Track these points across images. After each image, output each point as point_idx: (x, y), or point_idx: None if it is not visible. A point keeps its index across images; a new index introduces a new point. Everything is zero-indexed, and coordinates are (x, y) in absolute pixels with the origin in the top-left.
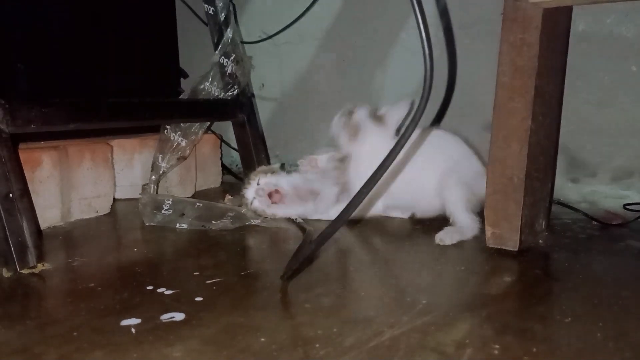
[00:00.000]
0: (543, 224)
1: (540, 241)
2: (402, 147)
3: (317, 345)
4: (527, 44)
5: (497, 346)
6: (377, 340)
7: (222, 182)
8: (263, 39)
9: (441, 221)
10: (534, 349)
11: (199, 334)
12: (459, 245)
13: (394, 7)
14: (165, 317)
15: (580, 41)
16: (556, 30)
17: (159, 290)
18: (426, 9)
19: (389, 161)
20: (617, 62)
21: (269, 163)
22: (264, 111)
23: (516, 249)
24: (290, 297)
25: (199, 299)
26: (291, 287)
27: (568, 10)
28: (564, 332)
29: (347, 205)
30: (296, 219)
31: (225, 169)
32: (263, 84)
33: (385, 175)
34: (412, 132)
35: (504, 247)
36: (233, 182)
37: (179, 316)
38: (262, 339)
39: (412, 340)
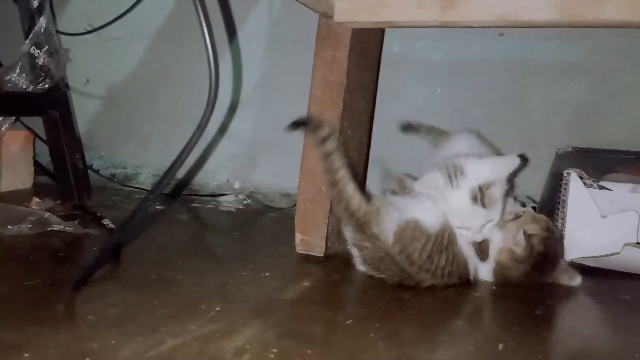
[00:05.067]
0: None
1: (349, 247)
2: (188, 153)
3: (88, 359)
4: (338, 61)
5: (275, 350)
6: (156, 350)
7: (35, 183)
8: (88, 32)
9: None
10: (309, 351)
11: None
12: (271, 252)
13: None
14: None
15: (396, 63)
16: (367, 49)
17: None
18: (258, 20)
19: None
20: (425, 83)
21: (84, 165)
22: (89, 109)
23: (322, 255)
24: (74, 308)
25: None
26: (80, 298)
27: (379, 32)
28: (341, 334)
29: (135, 208)
30: (107, 224)
31: (41, 169)
32: (88, 80)
33: None
34: (199, 138)
35: (311, 253)
36: (48, 182)
37: None
38: (26, 355)
39: (192, 349)
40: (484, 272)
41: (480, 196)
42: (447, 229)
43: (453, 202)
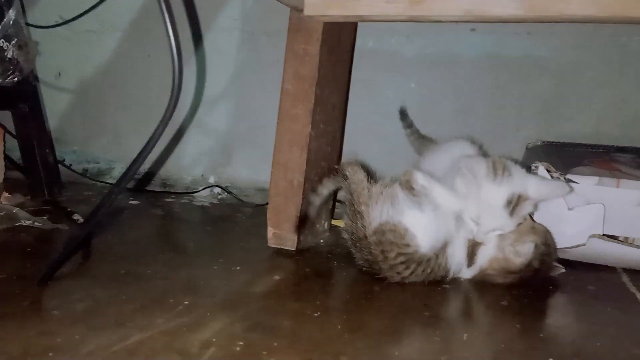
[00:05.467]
0: (325, 225)
1: (321, 241)
2: (152, 146)
3: (51, 354)
4: (309, 55)
5: (241, 343)
6: (121, 344)
7: (6, 178)
8: (59, 24)
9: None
10: (275, 344)
11: None
12: (243, 246)
13: (200, 7)
14: None
15: (370, 57)
16: (340, 43)
17: None
18: (232, 13)
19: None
20: (399, 78)
21: (55, 160)
22: (60, 103)
23: (294, 249)
24: (40, 304)
25: None
26: (47, 293)
27: (351, 26)
28: (309, 326)
29: (100, 202)
30: (78, 219)
31: (12, 164)
32: (60, 73)
33: None
34: (162, 132)
35: (283, 247)
36: (20, 178)
37: None
38: None
39: (158, 343)
40: (465, 274)
41: (514, 204)
42: (435, 253)
43: (486, 194)
